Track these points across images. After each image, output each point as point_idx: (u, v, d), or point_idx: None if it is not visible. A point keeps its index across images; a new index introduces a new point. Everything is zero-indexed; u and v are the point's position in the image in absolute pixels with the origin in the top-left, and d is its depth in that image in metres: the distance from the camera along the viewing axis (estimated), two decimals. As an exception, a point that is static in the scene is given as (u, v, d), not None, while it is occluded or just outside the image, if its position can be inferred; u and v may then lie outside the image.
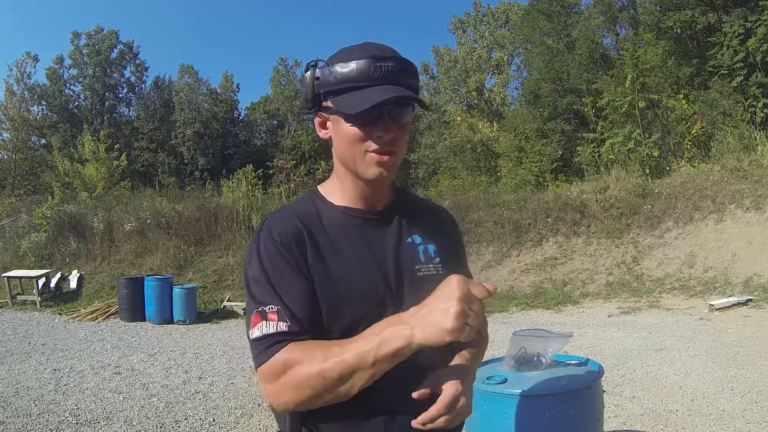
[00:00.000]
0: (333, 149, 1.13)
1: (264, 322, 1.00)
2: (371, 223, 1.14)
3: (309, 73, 1.08)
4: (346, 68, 1.03)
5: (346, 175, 1.13)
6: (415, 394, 0.99)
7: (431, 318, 0.88)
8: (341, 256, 1.08)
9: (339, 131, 1.08)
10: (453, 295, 0.88)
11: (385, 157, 1.06)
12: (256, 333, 1.00)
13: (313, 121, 1.18)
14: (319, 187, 1.20)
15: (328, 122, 1.11)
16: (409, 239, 1.15)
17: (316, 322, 1.02)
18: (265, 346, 0.99)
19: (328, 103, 1.07)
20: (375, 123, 1.04)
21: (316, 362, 0.94)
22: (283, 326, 0.99)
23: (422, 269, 1.13)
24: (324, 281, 1.05)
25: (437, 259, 1.16)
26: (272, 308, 1.00)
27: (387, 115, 1.04)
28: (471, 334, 0.88)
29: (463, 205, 13.51)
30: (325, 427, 1.06)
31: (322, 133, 1.13)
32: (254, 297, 1.03)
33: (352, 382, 0.94)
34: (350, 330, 1.02)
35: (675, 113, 15.52)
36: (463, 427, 1.18)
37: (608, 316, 8.51)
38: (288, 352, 0.97)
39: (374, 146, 1.05)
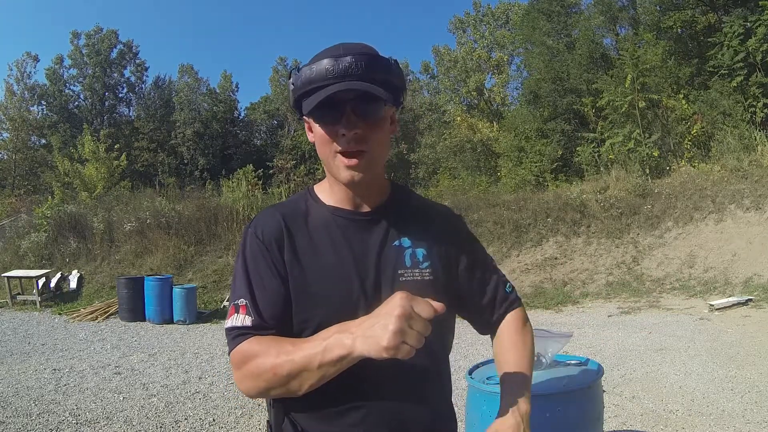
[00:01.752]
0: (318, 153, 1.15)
1: (236, 314, 1.07)
2: (357, 224, 1.13)
3: (290, 80, 1.10)
4: (309, 70, 1.04)
5: (332, 178, 1.13)
6: None
7: (372, 331, 0.88)
8: (319, 258, 1.09)
9: (315, 132, 1.10)
10: (393, 312, 0.87)
11: (353, 161, 1.05)
12: (228, 323, 1.08)
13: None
14: (315, 186, 1.21)
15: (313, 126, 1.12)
16: (396, 242, 1.12)
17: (282, 320, 1.07)
18: (232, 336, 1.07)
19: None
20: (339, 120, 1.04)
21: (270, 357, 0.99)
22: (247, 320, 1.06)
23: (406, 274, 1.10)
24: (298, 281, 1.07)
25: (425, 264, 1.12)
26: (242, 302, 1.07)
27: (351, 112, 1.03)
28: (410, 353, 0.87)
29: (463, 205, 13.51)
30: (305, 417, 1.09)
31: (309, 137, 1.14)
32: (233, 289, 1.11)
33: (301, 381, 0.97)
34: (321, 330, 1.02)
35: (675, 113, 15.52)
36: None
37: (608, 316, 8.51)
38: (249, 345, 1.03)
39: (341, 145, 1.04)
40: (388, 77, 1.05)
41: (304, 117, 1.12)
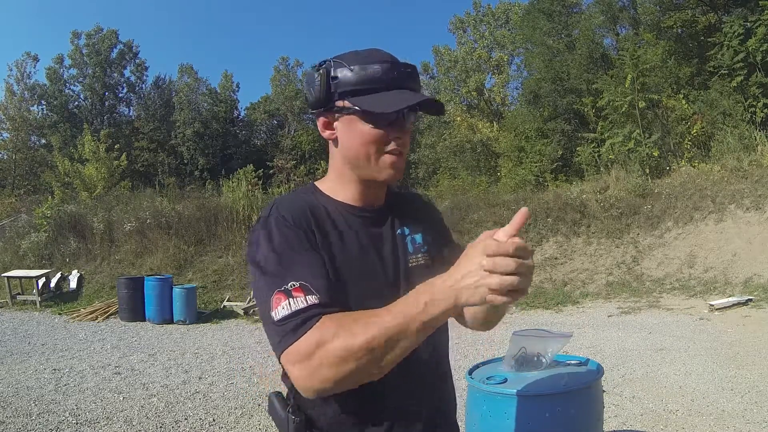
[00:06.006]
0: (336, 150, 1.13)
1: (289, 299, 0.95)
2: (371, 220, 1.15)
3: (321, 72, 1.07)
4: (371, 70, 1.04)
5: (350, 175, 1.13)
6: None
7: (474, 281, 0.83)
8: (346, 249, 1.09)
9: (354, 131, 1.07)
10: (489, 255, 0.82)
11: (398, 160, 1.09)
12: (282, 312, 0.94)
13: (314, 122, 1.18)
14: (317, 183, 1.20)
15: (336, 123, 1.10)
16: (399, 231, 1.17)
17: (340, 296, 1.00)
18: (295, 324, 0.93)
19: (345, 103, 1.06)
20: (392, 125, 1.07)
21: (357, 332, 0.89)
22: (312, 299, 0.95)
23: (412, 260, 1.15)
24: (330, 272, 1.04)
25: (425, 248, 1.18)
26: (294, 284, 0.96)
27: (404, 118, 1.08)
28: (521, 294, 0.83)
29: (463, 205, 13.51)
30: (333, 428, 1.07)
31: (326, 134, 1.12)
32: (270, 278, 0.99)
33: (396, 352, 0.89)
34: None
35: (675, 113, 15.53)
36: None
37: (608, 316, 8.51)
38: (322, 327, 0.92)
39: (392, 146, 1.07)
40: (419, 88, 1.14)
41: (329, 113, 1.10)
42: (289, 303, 0.94)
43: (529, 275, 0.82)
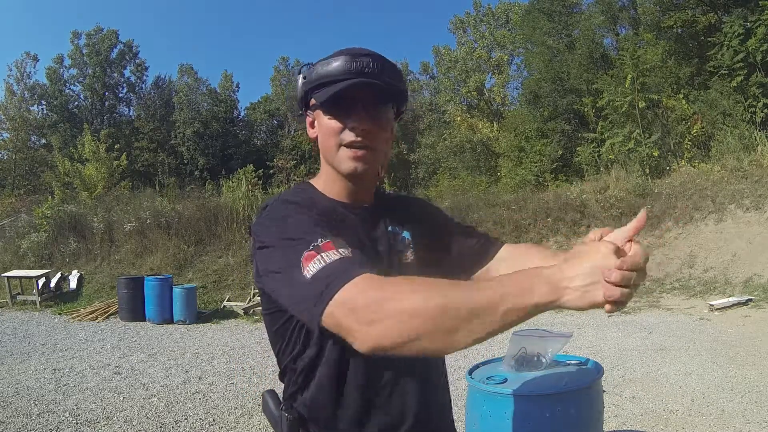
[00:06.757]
0: (319, 147, 1.16)
1: (322, 254, 0.88)
2: (365, 218, 1.16)
3: (300, 75, 1.13)
4: (327, 65, 1.07)
5: (332, 172, 1.14)
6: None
7: (587, 286, 0.76)
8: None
9: (320, 125, 1.11)
10: (608, 265, 0.76)
11: (359, 153, 1.07)
12: (315, 267, 0.86)
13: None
14: (311, 181, 1.21)
15: (316, 121, 1.14)
16: (390, 228, 1.18)
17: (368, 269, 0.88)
18: (333, 275, 0.84)
19: (312, 101, 1.11)
20: (349, 115, 1.06)
21: (429, 291, 0.79)
22: (346, 252, 0.88)
23: (403, 257, 1.17)
24: None
25: (412, 246, 1.20)
26: (324, 240, 0.90)
27: (362, 108, 1.06)
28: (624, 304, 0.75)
29: (463, 205, 13.51)
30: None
31: (311, 133, 1.16)
32: (293, 242, 0.92)
33: (473, 328, 0.77)
34: None
35: (675, 113, 15.53)
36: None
37: (608, 316, 8.50)
38: (372, 277, 0.83)
39: (348, 137, 1.07)
40: (397, 83, 1.11)
41: (309, 112, 1.15)
42: (322, 258, 0.87)
43: (637, 287, 0.77)
